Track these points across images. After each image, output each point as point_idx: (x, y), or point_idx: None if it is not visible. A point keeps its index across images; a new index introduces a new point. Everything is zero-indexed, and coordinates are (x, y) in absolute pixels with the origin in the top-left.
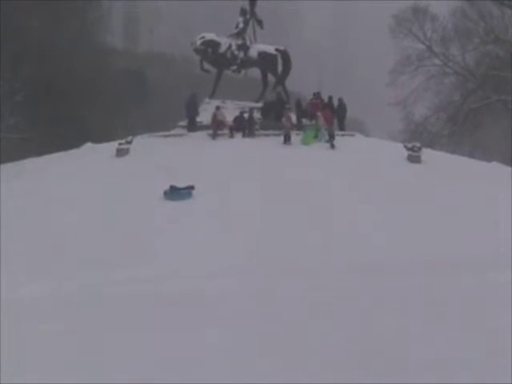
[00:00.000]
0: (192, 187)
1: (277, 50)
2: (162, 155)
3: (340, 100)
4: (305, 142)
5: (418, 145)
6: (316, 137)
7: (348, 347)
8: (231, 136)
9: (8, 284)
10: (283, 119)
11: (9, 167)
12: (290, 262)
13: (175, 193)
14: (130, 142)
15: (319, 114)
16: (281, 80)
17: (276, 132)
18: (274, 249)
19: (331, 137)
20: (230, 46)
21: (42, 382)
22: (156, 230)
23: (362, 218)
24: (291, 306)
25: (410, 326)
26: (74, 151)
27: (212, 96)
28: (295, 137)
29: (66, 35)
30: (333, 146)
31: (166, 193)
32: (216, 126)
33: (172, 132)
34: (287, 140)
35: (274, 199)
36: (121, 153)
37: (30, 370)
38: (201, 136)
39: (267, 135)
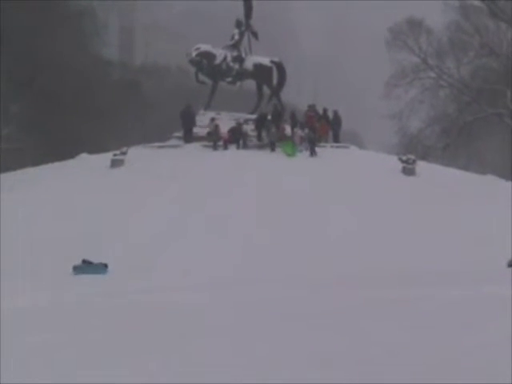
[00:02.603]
0: (105, 265)
1: (272, 61)
2: (156, 166)
3: (335, 112)
4: (289, 155)
5: (413, 157)
6: (295, 148)
7: (336, 359)
8: (225, 147)
9: (4, 294)
10: (294, 130)
11: (4, 177)
12: (281, 271)
13: (87, 267)
14: (124, 153)
15: (295, 130)
16: (276, 92)
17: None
18: (266, 259)
19: (311, 144)
20: (225, 58)
21: None
22: (152, 240)
23: (354, 230)
24: (280, 316)
25: (398, 338)
26: (68, 162)
27: (207, 107)
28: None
29: (62, 47)
30: (313, 154)
31: (75, 268)
32: (215, 137)
33: (167, 143)
34: (272, 147)
35: (268, 210)
36: (116, 164)
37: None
38: (196, 147)
39: (261, 147)
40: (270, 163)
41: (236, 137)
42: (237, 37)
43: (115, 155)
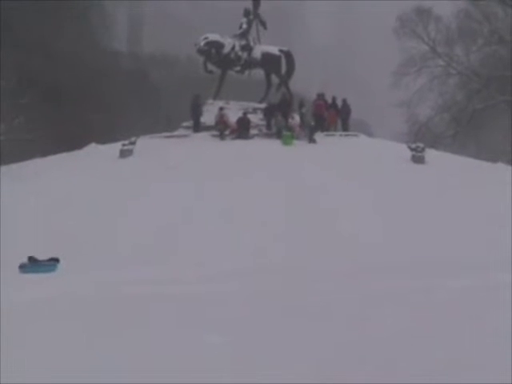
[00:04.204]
0: (57, 260)
1: (280, 50)
2: (165, 156)
3: (344, 101)
4: (285, 143)
5: (422, 145)
6: (293, 138)
7: (348, 349)
8: (235, 137)
9: (15, 286)
10: (289, 120)
11: (12, 168)
12: (293, 263)
13: (34, 265)
14: (133, 143)
15: (293, 122)
16: (284, 81)
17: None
18: (277, 250)
19: (311, 132)
20: (233, 47)
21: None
22: (161, 230)
23: (364, 219)
24: (294, 309)
25: (409, 328)
26: (77, 152)
27: (215, 97)
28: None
29: (70, 37)
30: (312, 141)
31: (21, 266)
32: (223, 127)
33: (176, 133)
34: (279, 135)
35: (277, 199)
36: (124, 154)
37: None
38: (205, 137)
39: (270, 135)
40: (277, 152)
41: (245, 126)
42: (245, 26)
43: (124, 145)
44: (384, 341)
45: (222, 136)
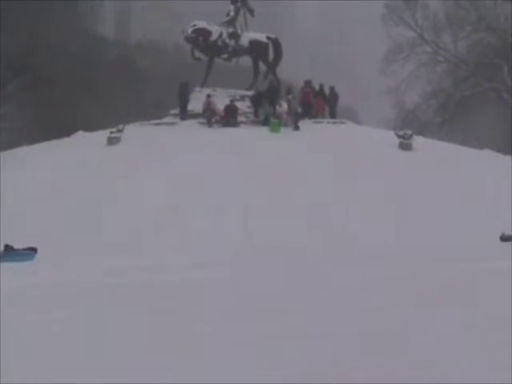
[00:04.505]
0: (34, 249)
1: (268, 38)
2: (153, 143)
3: (331, 88)
4: (273, 130)
5: (409, 132)
6: (281, 125)
7: (346, 337)
8: (222, 125)
9: (9, 273)
10: (277, 107)
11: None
12: (277, 249)
13: (11, 254)
14: (121, 131)
15: (280, 109)
16: (272, 68)
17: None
18: (266, 237)
19: (296, 118)
20: (221, 35)
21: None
22: (147, 220)
23: (352, 206)
24: (287, 296)
25: (406, 315)
26: (65, 140)
27: (203, 84)
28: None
29: (57, 24)
30: (297, 128)
31: None
32: (210, 114)
33: (164, 120)
34: (266, 122)
35: (264, 186)
36: (112, 141)
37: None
38: (192, 124)
39: (257, 123)
40: (264, 139)
41: (233, 114)
42: (232, 13)
43: (112, 133)
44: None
45: (209, 123)
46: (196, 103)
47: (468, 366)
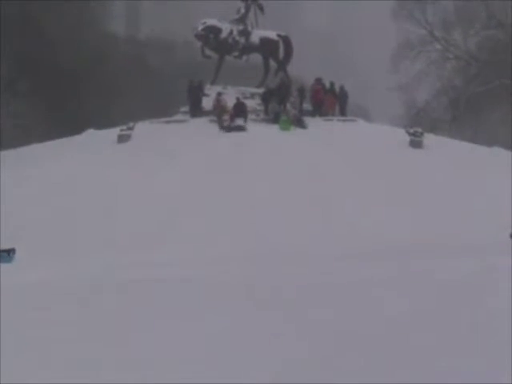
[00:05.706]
0: (13, 250)
1: (278, 35)
2: (163, 141)
3: (341, 88)
4: (284, 128)
5: (420, 130)
6: (291, 124)
7: (347, 334)
8: (229, 127)
9: (11, 270)
10: (288, 105)
11: (10, 154)
12: (291, 247)
13: None
14: (131, 128)
15: (289, 107)
16: (282, 66)
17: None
18: (277, 235)
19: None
20: (231, 32)
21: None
22: (157, 217)
23: (363, 203)
24: (289, 292)
25: (410, 311)
26: (75, 137)
27: (213, 82)
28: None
29: (67, 21)
30: (301, 125)
31: None
32: (220, 112)
33: (174, 118)
34: (276, 120)
35: (275, 184)
36: (122, 139)
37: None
38: (203, 122)
39: (268, 121)
40: (274, 138)
41: (242, 111)
42: (243, 10)
43: (122, 130)
44: (385, 323)
45: (220, 122)
46: (206, 101)
47: (468, 366)
